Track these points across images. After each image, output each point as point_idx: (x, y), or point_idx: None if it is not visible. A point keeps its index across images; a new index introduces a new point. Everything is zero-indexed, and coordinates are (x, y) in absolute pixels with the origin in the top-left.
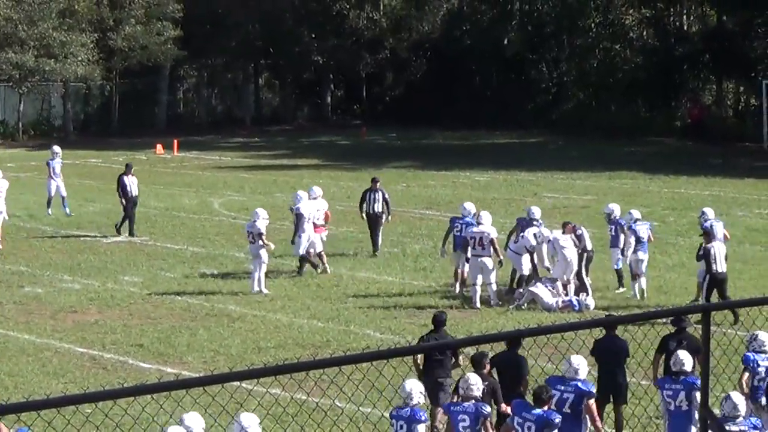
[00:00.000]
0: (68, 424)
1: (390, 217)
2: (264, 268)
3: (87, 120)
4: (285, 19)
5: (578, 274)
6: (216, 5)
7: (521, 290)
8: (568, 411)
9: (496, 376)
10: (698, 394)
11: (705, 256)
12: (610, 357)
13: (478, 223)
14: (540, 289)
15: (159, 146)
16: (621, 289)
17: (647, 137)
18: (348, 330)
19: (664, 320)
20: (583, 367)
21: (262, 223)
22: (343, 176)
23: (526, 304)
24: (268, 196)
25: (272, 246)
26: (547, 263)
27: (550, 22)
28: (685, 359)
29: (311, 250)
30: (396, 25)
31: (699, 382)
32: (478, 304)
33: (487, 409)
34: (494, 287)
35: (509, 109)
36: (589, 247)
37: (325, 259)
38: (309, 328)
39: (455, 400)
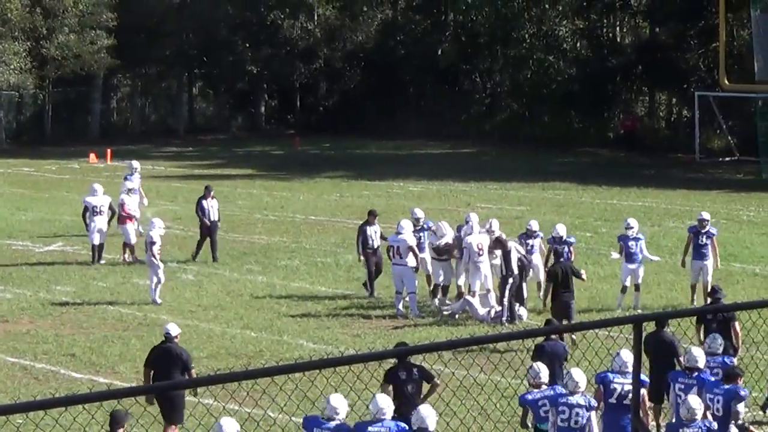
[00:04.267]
0: None
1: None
2: (161, 278)
3: (19, 129)
4: (219, 28)
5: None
6: (150, 14)
7: (442, 301)
8: (628, 402)
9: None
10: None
11: (505, 257)
12: (551, 360)
13: (398, 233)
14: (473, 299)
15: (92, 155)
16: None
17: (580, 148)
18: (281, 340)
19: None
20: (631, 359)
21: (156, 233)
22: (276, 186)
23: (458, 314)
24: None
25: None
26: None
27: (484, 33)
28: (699, 356)
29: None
30: (330, 35)
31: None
32: (401, 310)
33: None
34: (415, 297)
35: (443, 119)
36: (521, 259)
37: (131, 249)
38: (242, 338)
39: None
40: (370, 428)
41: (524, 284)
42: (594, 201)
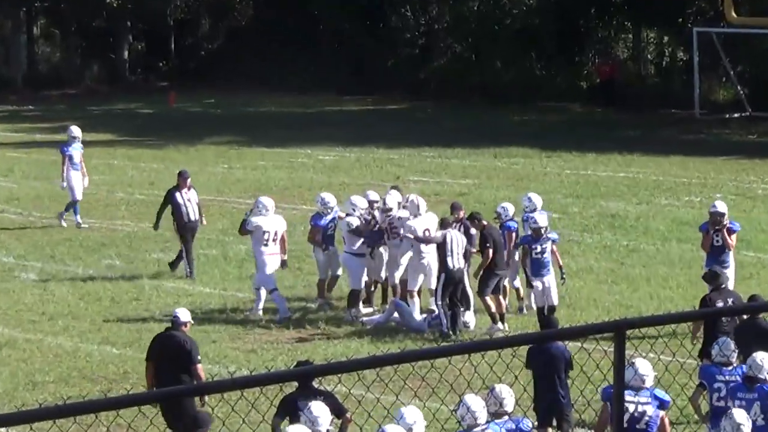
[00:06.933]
0: None
1: None
2: None
3: None
4: None
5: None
6: None
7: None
8: (643, 426)
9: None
10: None
11: (442, 244)
12: (548, 368)
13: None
14: (405, 304)
15: None
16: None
17: (544, 102)
18: None
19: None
20: (650, 371)
21: None
22: (144, 155)
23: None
24: (45, 182)
25: None
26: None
27: None
28: (764, 362)
29: None
30: None
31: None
32: (259, 313)
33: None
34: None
35: (363, 66)
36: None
37: None
38: (100, 356)
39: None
40: None
41: (468, 283)
42: (562, 172)
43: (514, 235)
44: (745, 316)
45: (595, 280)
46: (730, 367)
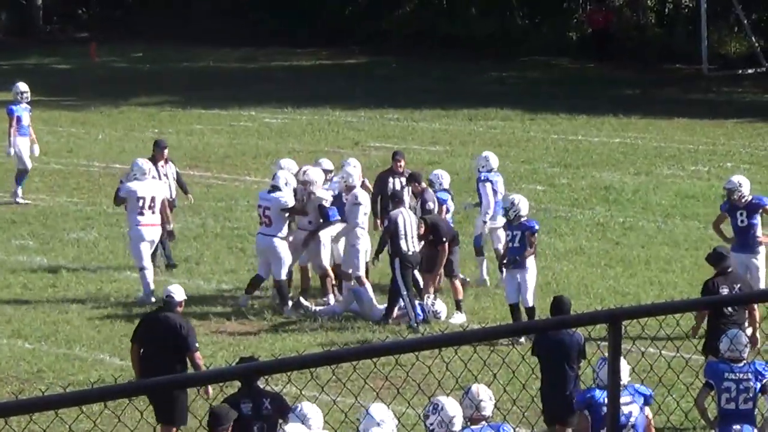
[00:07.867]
0: None
1: None
2: None
3: None
4: None
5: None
6: None
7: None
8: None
9: None
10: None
11: (392, 228)
12: (554, 355)
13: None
14: (366, 292)
15: None
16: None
17: (527, 57)
18: (70, 354)
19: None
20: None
21: None
22: (62, 118)
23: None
24: None
25: None
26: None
27: None
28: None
29: None
30: None
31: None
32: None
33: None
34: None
35: (316, 14)
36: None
37: None
38: (10, 352)
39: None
40: None
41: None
42: (548, 137)
43: (444, 208)
44: None
45: (586, 262)
46: (741, 364)
